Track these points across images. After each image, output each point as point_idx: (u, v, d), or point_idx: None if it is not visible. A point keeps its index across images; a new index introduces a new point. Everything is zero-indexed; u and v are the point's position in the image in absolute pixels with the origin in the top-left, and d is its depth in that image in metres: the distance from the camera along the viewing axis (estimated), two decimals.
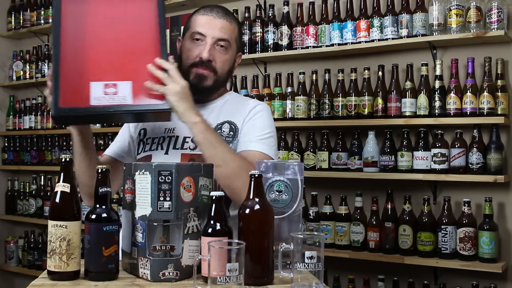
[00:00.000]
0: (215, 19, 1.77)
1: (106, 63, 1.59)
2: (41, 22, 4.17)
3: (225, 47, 1.78)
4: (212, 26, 1.76)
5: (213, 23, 1.77)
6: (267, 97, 3.09)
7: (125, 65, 1.59)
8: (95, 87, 1.56)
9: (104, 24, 1.63)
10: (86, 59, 1.59)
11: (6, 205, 4.35)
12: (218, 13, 1.79)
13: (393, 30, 2.76)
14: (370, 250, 2.76)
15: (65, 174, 1.35)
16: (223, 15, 1.79)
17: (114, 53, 1.61)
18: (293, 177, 1.45)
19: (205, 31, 1.76)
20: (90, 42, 1.61)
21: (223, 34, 1.77)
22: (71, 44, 1.59)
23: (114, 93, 1.56)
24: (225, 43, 1.77)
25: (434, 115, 2.62)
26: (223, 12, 1.81)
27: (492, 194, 2.58)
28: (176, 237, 1.34)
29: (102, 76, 1.57)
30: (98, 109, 1.54)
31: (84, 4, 1.64)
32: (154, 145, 1.80)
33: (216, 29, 1.76)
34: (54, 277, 1.33)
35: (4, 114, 4.43)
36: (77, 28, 1.61)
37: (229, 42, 1.78)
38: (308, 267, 1.27)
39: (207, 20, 1.78)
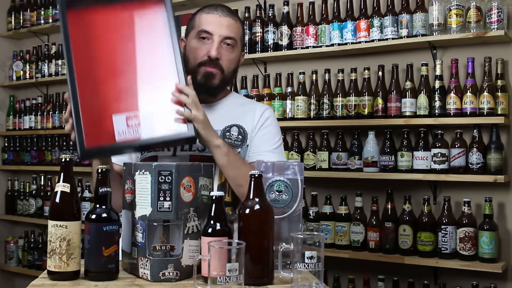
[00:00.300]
0: (221, 18, 1.77)
1: (124, 93, 1.56)
2: (41, 22, 4.17)
3: (232, 46, 1.77)
4: (219, 25, 1.76)
5: (219, 22, 1.76)
6: (267, 97, 3.09)
7: (143, 93, 1.57)
8: (117, 121, 1.53)
9: (116, 52, 1.59)
10: (104, 92, 1.55)
11: (6, 205, 4.35)
12: (224, 11, 1.79)
13: (393, 30, 2.76)
14: (370, 250, 2.76)
15: (65, 174, 1.35)
16: (228, 13, 1.79)
17: (130, 81, 1.57)
18: (293, 177, 1.45)
19: (212, 30, 1.75)
20: (105, 72, 1.57)
21: (230, 33, 1.76)
22: (86, 77, 1.55)
23: (138, 125, 1.53)
24: (231, 42, 1.77)
25: (434, 115, 2.62)
26: (228, 10, 1.81)
27: (492, 194, 2.58)
28: (176, 237, 1.34)
29: (123, 107, 1.54)
30: (124, 145, 1.52)
31: (91, 30, 1.60)
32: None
33: (223, 27, 1.76)
34: (54, 277, 1.33)
35: (4, 114, 4.43)
36: (89, 59, 1.57)
37: (235, 40, 1.78)
38: (308, 267, 1.27)
39: (214, 19, 1.77)
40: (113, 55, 1.59)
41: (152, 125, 1.54)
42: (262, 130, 1.81)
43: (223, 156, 1.62)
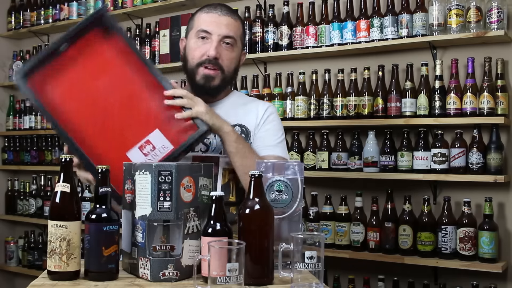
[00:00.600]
0: (220, 17, 1.76)
1: (124, 128, 1.57)
2: (41, 22, 4.17)
3: (231, 45, 1.77)
4: (217, 24, 1.75)
5: (218, 21, 1.76)
6: (267, 97, 3.09)
7: (140, 118, 1.58)
8: (133, 155, 1.56)
9: (89, 98, 1.60)
10: (104, 136, 1.57)
11: (6, 205, 4.35)
12: (223, 10, 1.78)
13: (393, 30, 2.76)
14: (370, 250, 2.76)
15: (65, 174, 1.35)
16: (227, 12, 1.78)
17: (123, 114, 1.58)
18: (293, 177, 1.45)
19: (211, 29, 1.75)
20: (90, 122, 1.57)
21: (229, 31, 1.76)
22: (79, 134, 1.56)
23: (153, 149, 1.57)
24: (231, 41, 1.76)
25: (434, 115, 2.62)
26: (227, 9, 1.80)
27: (492, 194, 2.58)
28: (176, 237, 1.34)
29: (131, 141, 1.56)
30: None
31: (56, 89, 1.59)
32: None
33: (222, 26, 1.75)
34: (54, 277, 1.33)
35: (4, 114, 4.43)
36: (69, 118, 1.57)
37: (235, 39, 1.78)
38: (308, 267, 1.27)
39: (212, 18, 1.77)
40: (87, 103, 1.59)
41: (166, 141, 1.56)
42: (265, 125, 1.81)
43: (233, 143, 1.63)
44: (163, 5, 3.48)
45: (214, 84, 1.76)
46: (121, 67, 1.62)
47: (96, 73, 1.62)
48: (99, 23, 1.62)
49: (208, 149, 1.77)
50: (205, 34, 1.75)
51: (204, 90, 1.76)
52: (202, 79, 1.76)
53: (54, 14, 4.09)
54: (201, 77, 1.76)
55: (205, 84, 1.76)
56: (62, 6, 4.03)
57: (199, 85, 1.76)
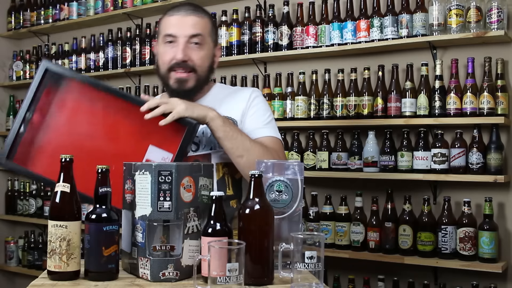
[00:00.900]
0: (184, 17, 1.73)
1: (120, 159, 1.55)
2: (41, 22, 4.18)
3: (200, 43, 1.74)
4: (182, 25, 1.72)
5: (183, 22, 1.73)
6: (267, 97, 3.08)
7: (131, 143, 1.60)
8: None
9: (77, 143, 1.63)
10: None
11: (6, 205, 4.35)
12: (187, 10, 1.75)
13: (393, 30, 2.76)
14: (370, 250, 2.76)
15: (65, 174, 1.35)
16: (192, 11, 1.75)
17: (113, 147, 1.62)
18: (293, 177, 1.45)
19: (176, 32, 1.72)
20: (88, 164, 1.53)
21: (195, 30, 1.72)
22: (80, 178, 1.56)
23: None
24: (199, 39, 1.73)
25: (434, 115, 2.62)
26: (192, 8, 1.77)
27: (492, 194, 2.58)
28: (176, 237, 1.34)
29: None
30: None
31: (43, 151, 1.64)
32: None
33: (187, 27, 1.72)
34: (54, 277, 1.33)
35: (4, 114, 4.43)
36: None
37: (203, 36, 1.74)
38: (308, 267, 1.27)
39: (177, 20, 1.74)
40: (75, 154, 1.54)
41: (164, 152, 1.59)
42: (251, 109, 1.79)
43: (220, 127, 1.60)
44: (163, 5, 3.48)
45: (188, 86, 1.75)
46: (90, 107, 1.65)
47: (71, 123, 1.66)
48: (49, 78, 1.65)
49: (198, 147, 1.76)
50: (171, 38, 1.73)
51: (179, 94, 1.73)
52: (175, 83, 1.74)
53: (54, 14, 4.09)
54: (174, 81, 1.74)
55: (179, 87, 1.75)
56: (62, 6, 4.04)
57: (174, 90, 1.75)
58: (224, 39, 3.26)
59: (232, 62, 3.29)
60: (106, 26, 3.89)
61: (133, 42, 3.65)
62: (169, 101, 1.59)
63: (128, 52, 3.66)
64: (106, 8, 3.78)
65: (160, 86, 3.60)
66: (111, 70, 3.75)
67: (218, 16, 3.37)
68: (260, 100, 1.82)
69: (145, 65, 3.58)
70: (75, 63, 3.96)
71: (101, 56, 3.81)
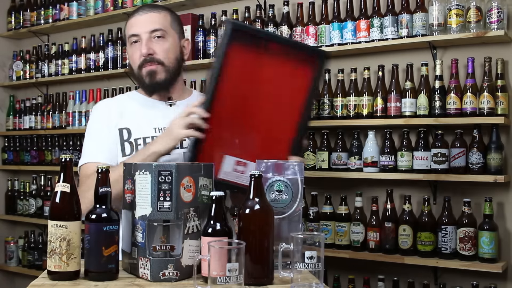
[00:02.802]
0: (142, 16, 1.82)
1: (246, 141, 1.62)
2: (41, 22, 4.17)
3: (162, 36, 1.82)
4: (141, 24, 1.81)
5: (141, 21, 1.82)
6: None
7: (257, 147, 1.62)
8: (227, 161, 1.61)
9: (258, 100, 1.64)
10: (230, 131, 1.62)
11: (6, 205, 4.35)
12: (144, 10, 1.84)
13: (393, 30, 2.76)
14: (370, 250, 2.76)
15: (65, 174, 1.35)
16: (149, 9, 1.84)
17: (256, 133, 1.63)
18: (293, 177, 1.45)
19: (136, 31, 1.81)
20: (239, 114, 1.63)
21: (154, 25, 1.81)
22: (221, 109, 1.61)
23: (242, 172, 1.61)
24: (160, 33, 1.81)
25: (434, 115, 2.62)
26: (149, 7, 1.86)
27: (492, 194, 2.58)
28: (176, 237, 1.34)
29: (238, 153, 1.62)
30: (223, 183, 1.59)
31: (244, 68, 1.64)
32: None
33: (146, 24, 1.81)
34: (54, 277, 1.33)
35: (4, 114, 4.43)
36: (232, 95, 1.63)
37: (164, 30, 1.82)
38: (308, 267, 1.28)
39: (136, 21, 1.83)
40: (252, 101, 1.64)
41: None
42: None
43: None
44: (163, 5, 3.47)
45: (160, 78, 1.81)
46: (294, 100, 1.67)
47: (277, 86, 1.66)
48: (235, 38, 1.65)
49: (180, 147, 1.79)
50: (135, 37, 1.82)
51: (153, 87, 1.82)
52: (146, 77, 1.81)
53: (54, 14, 4.09)
54: (145, 75, 1.81)
55: (151, 80, 1.81)
56: (62, 6, 4.04)
57: (147, 84, 1.82)
58: None
59: None
60: (106, 26, 3.89)
61: None
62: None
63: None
64: (106, 8, 3.78)
65: None
66: (111, 70, 3.75)
67: (218, 16, 3.37)
68: None
69: None
70: (75, 63, 3.96)
71: (101, 56, 3.81)
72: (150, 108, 1.86)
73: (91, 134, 1.87)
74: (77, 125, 3.87)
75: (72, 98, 3.98)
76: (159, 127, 1.82)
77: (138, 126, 1.82)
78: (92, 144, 1.84)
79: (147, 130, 1.81)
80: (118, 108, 1.86)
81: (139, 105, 1.87)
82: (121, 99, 1.96)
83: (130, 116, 1.84)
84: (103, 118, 1.85)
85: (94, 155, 1.79)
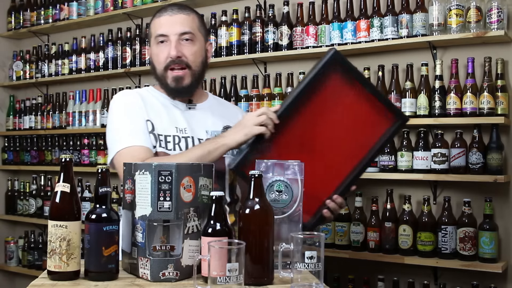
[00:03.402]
0: (172, 16, 1.80)
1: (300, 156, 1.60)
2: (41, 22, 4.18)
3: (191, 40, 1.80)
4: (171, 24, 1.79)
5: (171, 21, 1.79)
6: (267, 97, 3.09)
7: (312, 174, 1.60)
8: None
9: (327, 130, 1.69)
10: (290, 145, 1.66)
11: (6, 205, 4.35)
12: (173, 9, 1.82)
13: (393, 30, 2.76)
14: (370, 250, 2.76)
15: (65, 174, 1.35)
16: (178, 10, 1.82)
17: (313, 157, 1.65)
18: (293, 177, 1.45)
19: (166, 31, 1.79)
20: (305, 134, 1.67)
21: (184, 28, 1.79)
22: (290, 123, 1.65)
23: None
24: (189, 36, 1.80)
25: (434, 115, 2.62)
26: (178, 7, 1.84)
27: (492, 194, 2.58)
28: (176, 237, 1.34)
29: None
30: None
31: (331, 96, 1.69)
32: (170, 144, 1.77)
33: (176, 25, 1.79)
34: (54, 277, 1.33)
35: (4, 114, 4.43)
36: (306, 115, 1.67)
37: (193, 33, 1.81)
38: (308, 267, 1.28)
39: (165, 20, 1.81)
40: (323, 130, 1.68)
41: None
42: None
43: None
44: (163, 5, 3.45)
45: (185, 83, 1.80)
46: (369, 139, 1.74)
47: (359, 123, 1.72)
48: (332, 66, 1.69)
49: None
50: (163, 37, 1.80)
51: (178, 92, 1.81)
52: (172, 82, 1.80)
53: (54, 14, 4.09)
54: (171, 80, 1.80)
55: (177, 85, 1.80)
56: (62, 6, 4.04)
57: (172, 88, 1.81)
58: (224, 39, 3.26)
59: (232, 62, 3.29)
60: (106, 26, 3.89)
61: (133, 42, 3.65)
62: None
63: (128, 52, 3.66)
64: (106, 8, 3.78)
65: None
66: (111, 70, 3.75)
67: (218, 16, 3.37)
68: None
69: (145, 65, 3.58)
70: (75, 63, 3.96)
71: (101, 56, 3.81)
72: (171, 108, 1.85)
73: (123, 120, 1.78)
74: (77, 125, 3.87)
75: (72, 98, 3.98)
76: (180, 127, 1.81)
77: (160, 123, 1.78)
78: (128, 128, 1.74)
79: (169, 128, 1.79)
80: (143, 100, 1.82)
81: (160, 103, 1.85)
82: (143, 93, 1.88)
83: (153, 110, 1.81)
84: (135, 105, 1.79)
85: (134, 139, 1.72)
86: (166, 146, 1.75)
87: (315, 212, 1.66)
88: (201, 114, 1.86)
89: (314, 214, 1.66)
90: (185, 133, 1.79)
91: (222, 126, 1.85)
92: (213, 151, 1.64)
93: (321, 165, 1.65)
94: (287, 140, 1.65)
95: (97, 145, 3.75)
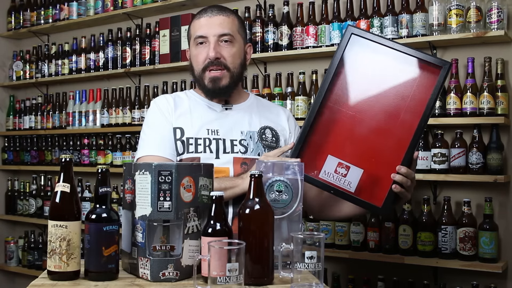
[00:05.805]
0: (212, 18, 1.80)
1: (351, 143, 1.61)
2: (41, 22, 4.17)
3: (230, 41, 1.80)
4: (210, 26, 1.79)
5: (211, 23, 1.80)
6: (267, 97, 3.08)
7: (366, 152, 1.60)
8: (330, 161, 1.61)
9: (369, 102, 1.63)
10: (336, 131, 1.62)
11: (6, 205, 4.35)
12: (213, 11, 1.82)
13: (393, 30, 2.76)
14: (370, 250, 2.76)
15: (65, 174, 1.35)
16: (218, 12, 1.82)
17: (363, 135, 1.62)
18: (293, 177, 1.45)
19: (205, 32, 1.79)
20: (347, 115, 1.62)
21: (224, 29, 1.79)
22: (330, 109, 1.63)
23: (343, 175, 1.60)
24: (228, 37, 1.80)
25: (434, 115, 2.62)
26: (218, 9, 1.84)
27: (492, 194, 2.58)
28: (176, 237, 1.34)
29: (341, 154, 1.61)
30: (322, 184, 1.61)
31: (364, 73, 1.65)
32: (200, 147, 1.78)
33: (215, 26, 1.79)
34: (54, 277, 1.33)
35: (4, 114, 4.43)
36: (343, 95, 1.64)
37: (232, 35, 1.81)
38: (308, 267, 1.28)
39: (205, 22, 1.81)
40: (363, 103, 1.63)
41: (355, 183, 1.60)
42: (295, 131, 1.93)
43: None
44: (163, 5, 3.48)
45: (223, 84, 1.80)
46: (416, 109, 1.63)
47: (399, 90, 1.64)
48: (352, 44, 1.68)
49: (246, 150, 1.81)
50: (202, 39, 1.80)
51: (215, 93, 1.82)
52: (209, 82, 1.80)
53: (54, 14, 4.09)
54: (209, 80, 1.80)
55: (214, 86, 1.80)
56: (62, 6, 4.04)
57: (209, 89, 1.81)
58: None
59: None
60: (106, 26, 3.89)
61: (133, 42, 3.65)
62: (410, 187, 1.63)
63: (128, 52, 3.66)
64: (106, 8, 3.78)
65: (160, 85, 3.60)
66: (111, 70, 3.75)
67: None
68: (295, 122, 2.00)
69: (145, 65, 3.58)
70: (75, 63, 3.96)
71: (101, 56, 3.81)
72: (206, 110, 1.86)
73: (151, 128, 1.84)
74: (77, 125, 3.87)
75: (72, 98, 3.98)
76: (212, 129, 1.82)
77: (191, 126, 1.81)
78: (153, 136, 1.81)
79: (200, 131, 1.81)
80: (175, 105, 1.85)
81: (195, 105, 1.86)
82: (179, 97, 1.91)
83: (185, 114, 1.83)
84: (164, 113, 1.83)
85: (154, 149, 1.78)
86: (196, 149, 1.77)
87: (387, 193, 1.60)
88: (238, 114, 1.87)
89: (386, 196, 1.60)
90: (217, 134, 1.80)
91: (260, 126, 1.85)
92: (228, 189, 1.65)
93: (380, 144, 1.61)
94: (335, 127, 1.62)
95: (97, 145, 3.75)
